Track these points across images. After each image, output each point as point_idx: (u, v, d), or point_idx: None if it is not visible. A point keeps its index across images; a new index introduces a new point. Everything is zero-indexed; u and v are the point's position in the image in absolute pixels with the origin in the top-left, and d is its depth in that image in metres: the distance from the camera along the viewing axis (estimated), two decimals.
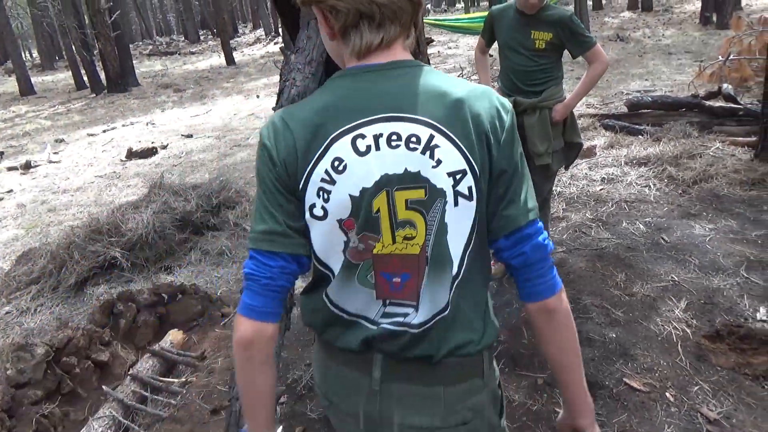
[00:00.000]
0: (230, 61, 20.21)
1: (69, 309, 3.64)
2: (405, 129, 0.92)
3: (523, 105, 2.88)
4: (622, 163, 4.95)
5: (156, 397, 2.58)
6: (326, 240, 0.96)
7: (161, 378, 2.72)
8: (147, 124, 10.82)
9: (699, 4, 16.23)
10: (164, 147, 8.49)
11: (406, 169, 0.92)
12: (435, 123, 0.92)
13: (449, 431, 1.02)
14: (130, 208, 4.35)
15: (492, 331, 1.03)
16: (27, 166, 8.20)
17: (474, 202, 0.94)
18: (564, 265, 3.29)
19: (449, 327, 0.98)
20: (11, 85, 20.30)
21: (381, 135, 0.92)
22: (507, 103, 0.98)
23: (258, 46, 26.79)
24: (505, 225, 0.96)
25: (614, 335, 2.61)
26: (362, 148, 0.92)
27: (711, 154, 4.78)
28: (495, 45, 3.09)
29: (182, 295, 3.29)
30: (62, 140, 10.23)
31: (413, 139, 0.91)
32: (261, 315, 0.96)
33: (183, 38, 35.96)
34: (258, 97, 12.67)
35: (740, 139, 5.04)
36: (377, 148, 0.92)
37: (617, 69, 9.88)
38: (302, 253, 0.98)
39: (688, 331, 2.59)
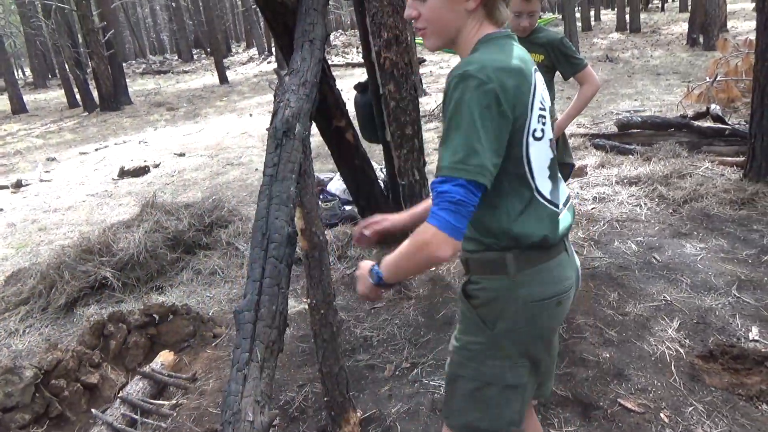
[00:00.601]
0: (223, 79, 20.30)
1: (58, 330, 3.59)
2: (539, 76, 1.28)
3: None
4: (614, 183, 4.99)
5: (146, 420, 2.54)
6: (541, 156, 1.27)
7: (152, 400, 2.68)
8: (139, 143, 10.81)
9: (686, 26, 16.54)
10: (156, 165, 8.48)
11: (548, 102, 1.32)
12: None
13: None
14: (122, 228, 4.33)
15: None
16: (18, 185, 8.15)
17: None
18: None
19: None
20: (3, 103, 20.25)
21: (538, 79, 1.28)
22: None
23: (251, 65, 26.96)
24: None
25: (608, 355, 2.61)
26: (540, 87, 1.26)
27: (701, 173, 4.83)
28: None
29: (173, 315, 3.26)
30: (54, 159, 10.20)
31: (544, 82, 1.31)
32: (461, 235, 1.16)
33: (176, 57, 36.13)
34: (251, 115, 12.71)
35: (729, 158, 5.10)
36: (540, 87, 1.27)
37: (607, 89, 10.01)
38: None
39: (682, 351, 2.59)
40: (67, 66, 17.89)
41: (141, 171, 8.11)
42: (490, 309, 1.32)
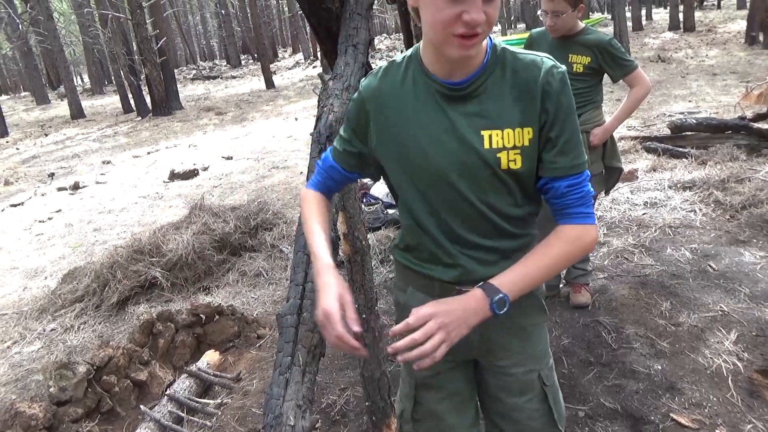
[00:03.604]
0: (270, 84, 20.67)
1: (110, 327, 3.72)
2: None
3: None
4: (666, 187, 4.81)
5: (192, 418, 2.60)
6: None
7: (197, 399, 2.74)
8: (189, 147, 11.12)
9: (744, 24, 15.85)
10: (205, 169, 8.70)
11: None
12: None
13: None
14: (171, 229, 4.45)
15: None
16: (75, 187, 8.52)
17: None
18: (606, 293, 3.20)
19: None
20: (63, 109, 21.22)
21: None
22: None
23: (297, 70, 27.36)
24: None
25: (660, 367, 2.51)
26: None
27: (760, 177, 4.60)
28: None
29: (219, 315, 3.33)
30: (109, 162, 10.60)
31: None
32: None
33: (225, 63, 37.06)
34: (296, 119, 12.88)
35: None
36: None
37: (659, 90, 9.69)
38: None
39: (739, 364, 2.47)
40: (122, 73, 18.59)
41: (190, 174, 8.34)
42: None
